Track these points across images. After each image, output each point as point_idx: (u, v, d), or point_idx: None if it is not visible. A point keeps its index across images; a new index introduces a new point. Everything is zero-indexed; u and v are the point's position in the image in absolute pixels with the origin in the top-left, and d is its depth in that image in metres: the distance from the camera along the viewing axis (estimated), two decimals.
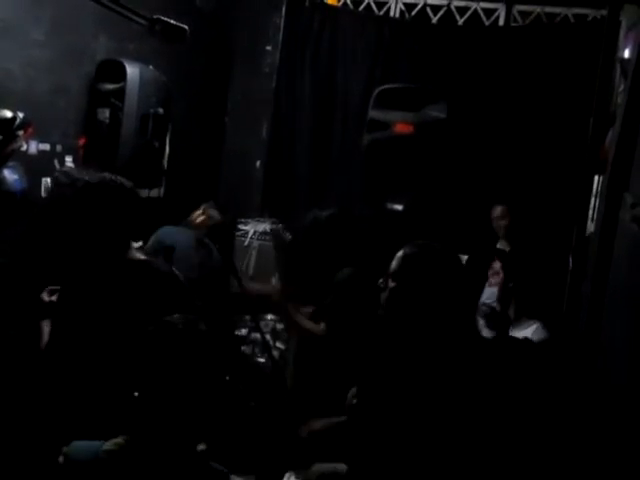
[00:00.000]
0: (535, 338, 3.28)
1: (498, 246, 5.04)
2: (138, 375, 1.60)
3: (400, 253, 2.17)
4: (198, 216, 4.73)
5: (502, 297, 3.73)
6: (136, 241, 2.61)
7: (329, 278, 3.38)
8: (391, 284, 2.15)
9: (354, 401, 2.09)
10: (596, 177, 3.25)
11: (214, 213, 4.80)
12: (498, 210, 5.12)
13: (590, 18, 5.66)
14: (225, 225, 4.99)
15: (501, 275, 3.97)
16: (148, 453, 1.55)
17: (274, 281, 3.59)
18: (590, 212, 3.28)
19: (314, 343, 3.38)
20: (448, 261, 2.17)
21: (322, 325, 3.36)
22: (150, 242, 4.11)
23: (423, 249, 2.17)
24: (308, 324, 3.43)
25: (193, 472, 1.58)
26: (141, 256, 2.40)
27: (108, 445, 1.58)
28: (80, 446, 1.60)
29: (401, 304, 2.11)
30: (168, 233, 4.17)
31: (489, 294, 4.47)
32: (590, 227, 3.18)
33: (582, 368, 2.31)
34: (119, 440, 1.59)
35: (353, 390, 2.10)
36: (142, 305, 2.09)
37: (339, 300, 3.29)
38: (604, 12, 4.51)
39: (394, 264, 2.15)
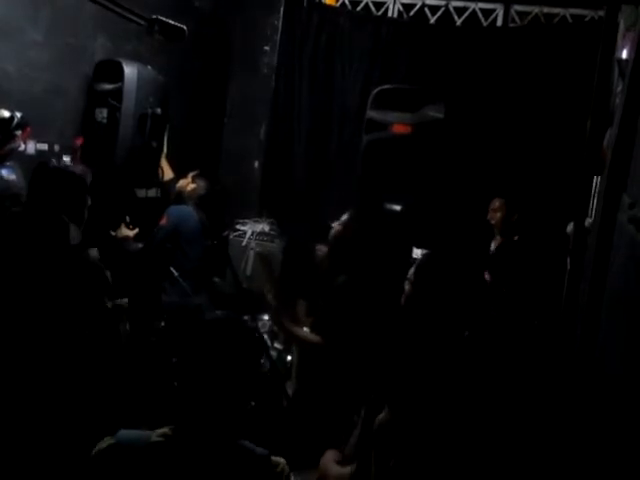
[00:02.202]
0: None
1: (492, 243, 5.05)
2: (183, 367, 1.66)
3: (418, 260, 2.33)
4: (188, 184, 4.79)
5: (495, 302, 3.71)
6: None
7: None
8: (408, 289, 2.28)
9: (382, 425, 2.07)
10: (594, 178, 3.25)
11: (202, 182, 4.86)
12: (496, 203, 5.13)
13: (588, 19, 5.67)
14: (215, 195, 5.04)
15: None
16: (193, 442, 1.61)
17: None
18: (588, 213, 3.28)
19: (315, 350, 3.37)
20: (460, 269, 2.26)
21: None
22: (165, 223, 4.31)
23: (437, 257, 2.29)
24: (305, 335, 3.43)
25: (236, 458, 1.64)
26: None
27: (155, 434, 1.63)
28: (129, 434, 1.65)
29: (416, 308, 2.25)
30: (179, 217, 4.51)
31: None
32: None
33: (579, 369, 2.31)
34: (166, 430, 1.64)
35: (380, 417, 2.07)
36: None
37: (334, 307, 3.29)
38: (602, 13, 4.52)
39: (411, 271, 2.31)
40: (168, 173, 5.17)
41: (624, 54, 3.50)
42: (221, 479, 1.62)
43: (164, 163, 5.18)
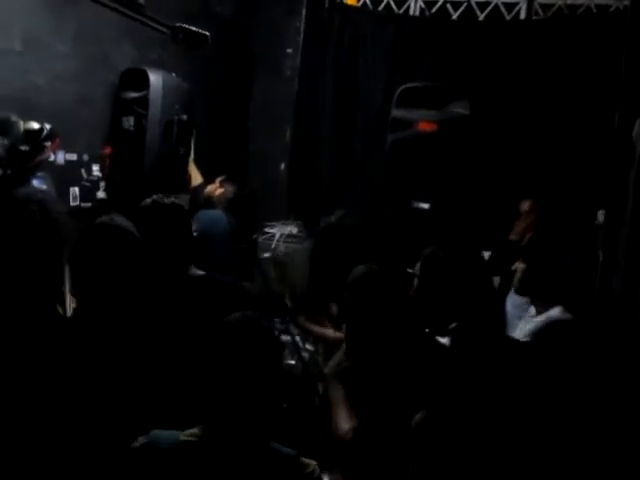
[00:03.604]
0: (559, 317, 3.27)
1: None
2: (211, 369, 1.68)
3: (423, 255, 2.30)
4: (216, 189, 4.82)
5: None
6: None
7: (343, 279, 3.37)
8: (416, 283, 2.27)
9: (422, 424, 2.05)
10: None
11: (230, 186, 4.89)
12: (526, 205, 5.05)
13: (613, 9, 5.60)
14: (244, 198, 5.07)
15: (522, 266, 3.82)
16: (223, 442, 1.63)
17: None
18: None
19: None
20: (467, 263, 2.24)
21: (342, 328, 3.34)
22: (194, 229, 4.33)
23: (442, 251, 2.26)
24: (324, 332, 3.42)
25: (266, 458, 1.66)
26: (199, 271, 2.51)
27: (185, 435, 1.66)
28: (161, 434, 1.68)
29: (423, 302, 2.24)
30: (208, 222, 4.36)
31: (515, 301, 4.33)
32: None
33: (615, 361, 2.28)
34: (196, 430, 1.67)
35: (417, 417, 2.06)
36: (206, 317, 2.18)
37: (355, 298, 3.26)
38: (626, 2, 4.46)
39: (417, 265, 2.29)
40: (197, 178, 5.21)
41: None
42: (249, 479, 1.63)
43: (193, 168, 5.22)
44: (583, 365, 2.52)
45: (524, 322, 3.48)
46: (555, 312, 3.36)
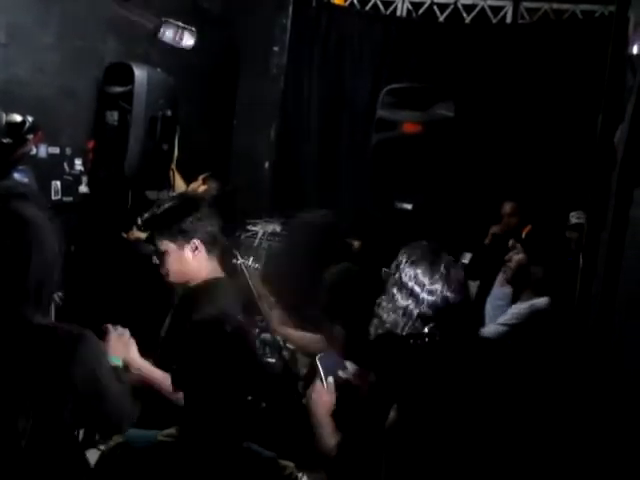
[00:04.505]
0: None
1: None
2: (187, 370, 1.68)
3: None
4: (199, 186, 4.79)
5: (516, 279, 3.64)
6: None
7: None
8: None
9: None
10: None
11: (213, 184, 4.86)
12: (508, 207, 5.08)
13: (598, 14, 5.64)
14: (226, 196, 5.04)
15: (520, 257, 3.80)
16: (198, 443, 1.62)
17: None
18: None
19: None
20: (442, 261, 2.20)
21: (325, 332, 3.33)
22: None
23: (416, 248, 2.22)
24: (303, 339, 3.42)
25: (242, 460, 1.65)
26: None
27: (162, 435, 1.65)
28: (137, 433, 1.67)
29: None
30: None
31: (501, 295, 4.37)
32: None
33: (593, 365, 2.30)
34: (172, 430, 1.66)
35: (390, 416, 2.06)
36: None
37: (335, 298, 3.23)
38: (612, 8, 4.48)
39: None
40: (180, 185, 5.15)
41: (635, 49, 3.47)
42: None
43: (175, 175, 5.17)
44: (557, 364, 2.54)
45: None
46: (541, 302, 3.39)
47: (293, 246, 4.02)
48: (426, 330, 2.10)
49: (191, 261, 2.66)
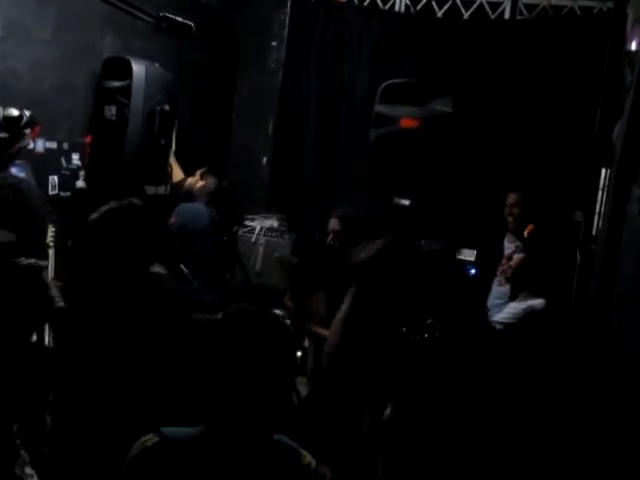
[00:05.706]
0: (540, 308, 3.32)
1: (505, 240, 4.99)
2: (213, 367, 1.64)
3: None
4: (196, 182, 4.79)
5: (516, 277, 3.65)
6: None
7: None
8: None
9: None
10: (603, 170, 3.24)
11: (211, 179, 4.86)
12: (512, 197, 4.99)
13: (596, 10, 5.64)
14: (224, 190, 5.05)
15: (521, 256, 3.81)
16: (226, 439, 1.62)
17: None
18: (597, 206, 3.26)
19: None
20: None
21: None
22: (174, 222, 4.32)
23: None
24: (320, 331, 3.43)
25: (268, 453, 1.65)
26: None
27: (198, 430, 1.65)
28: (170, 431, 1.66)
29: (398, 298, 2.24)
30: (188, 215, 4.48)
31: (500, 294, 4.35)
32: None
33: (589, 363, 2.30)
34: (199, 428, 1.66)
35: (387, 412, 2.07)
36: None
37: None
38: (610, 4, 4.49)
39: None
40: (178, 174, 5.17)
41: (633, 46, 3.48)
42: (255, 472, 1.62)
43: (174, 163, 5.19)
44: (554, 363, 2.55)
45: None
46: (537, 302, 3.40)
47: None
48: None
49: None
